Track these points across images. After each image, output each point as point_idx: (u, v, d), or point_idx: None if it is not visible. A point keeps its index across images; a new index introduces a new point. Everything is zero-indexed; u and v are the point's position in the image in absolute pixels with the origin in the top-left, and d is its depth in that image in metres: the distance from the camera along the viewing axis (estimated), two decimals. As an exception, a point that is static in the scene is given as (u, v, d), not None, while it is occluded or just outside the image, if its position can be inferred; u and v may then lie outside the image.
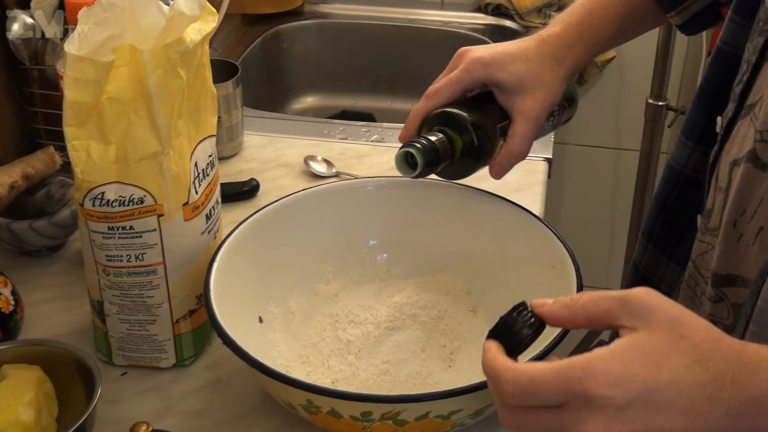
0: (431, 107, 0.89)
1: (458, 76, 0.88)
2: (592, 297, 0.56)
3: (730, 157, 0.74)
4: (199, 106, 0.85)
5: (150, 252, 0.83)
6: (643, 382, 0.51)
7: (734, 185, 0.72)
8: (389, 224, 0.99)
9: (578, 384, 0.51)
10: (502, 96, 0.90)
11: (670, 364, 0.52)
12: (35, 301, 0.99)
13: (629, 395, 0.51)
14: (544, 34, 0.92)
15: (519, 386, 0.53)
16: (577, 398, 0.51)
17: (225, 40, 1.72)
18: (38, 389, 0.79)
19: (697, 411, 0.51)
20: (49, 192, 1.08)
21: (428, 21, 1.82)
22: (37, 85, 1.16)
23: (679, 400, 0.51)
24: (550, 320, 0.58)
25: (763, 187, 0.68)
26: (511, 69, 0.88)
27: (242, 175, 1.23)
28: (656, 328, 0.53)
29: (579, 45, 0.92)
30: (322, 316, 0.94)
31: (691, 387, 0.51)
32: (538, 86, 0.89)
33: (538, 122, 0.90)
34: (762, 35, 0.72)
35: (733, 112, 0.75)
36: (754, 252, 0.69)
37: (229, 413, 0.86)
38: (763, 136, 0.68)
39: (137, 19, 0.80)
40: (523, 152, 0.90)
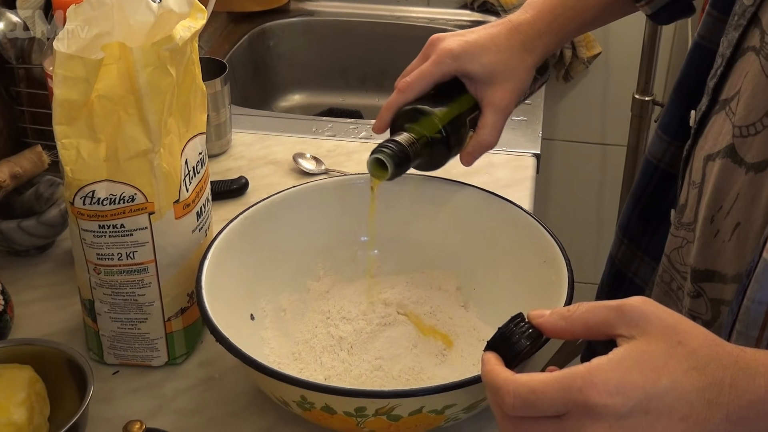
0: (403, 101, 0.90)
1: (429, 70, 0.90)
2: (588, 307, 0.56)
3: (704, 152, 0.74)
4: (189, 104, 0.85)
5: (141, 250, 0.83)
6: (642, 389, 0.51)
7: (710, 180, 0.72)
8: (380, 220, 0.99)
9: (579, 394, 0.52)
10: (472, 86, 0.91)
11: (668, 370, 0.52)
12: (25, 300, 0.98)
13: (630, 403, 0.51)
14: (515, 20, 0.92)
15: (520, 397, 0.53)
16: (578, 408, 0.52)
17: (211, 38, 1.71)
18: (30, 389, 0.79)
19: (697, 417, 0.51)
20: (38, 191, 1.07)
21: (414, 18, 1.82)
22: (24, 84, 1.16)
23: (679, 407, 0.51)
24: (548, 331, 0.58)
25: (740, 182, 0.68)
26: (481, 60, 0.89)
27: (231, 173, 1.22)
28: (653, 336, 0.53)
29: (549, 34, 0.92)
30: (314, 313, 0.94)
31: (690, 393, 0.52)
32: (508, 77, 0.90)
33: (508, 112, 0.91)
34: (737, 29, 0.72)
35: (707, 106, 0.76)
36: (731, 248, 0.69)
37: (222, 411, 0.85)
38: (741, 132, 0.68)
39: (126, 16, 0.80)
40: (492, 142, 0.91)
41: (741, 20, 0.72)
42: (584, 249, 2.14)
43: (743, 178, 0.68)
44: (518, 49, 0.91)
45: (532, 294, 0.88)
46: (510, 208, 0.94)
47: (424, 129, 0.88)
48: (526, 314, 0.60)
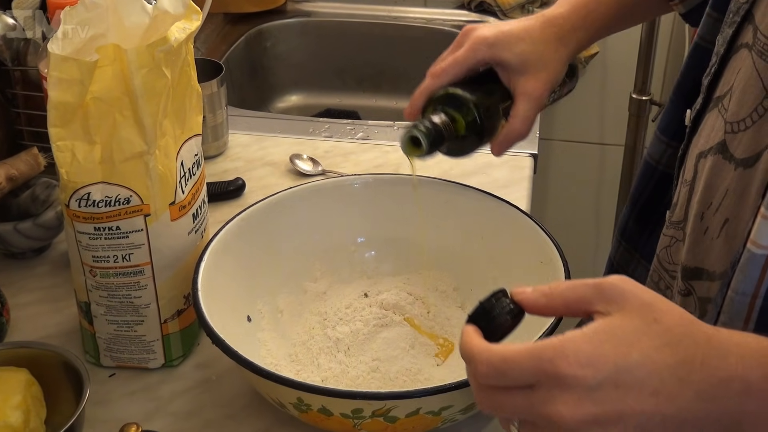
0: (436, 86, 0.89)
1: (463, 56, 0.89)
2: (569, 285, 0.57)
3: (697, 150, 0.74)
4: (185, 105, 0.85)
5: (137, 252, 0.83)
6: (613, 363, 0.51)
7: (702, 177, 0.72)
8: (377, 222, 0.99)
9: (549, 364, 0.52)
10: (506, 75, 0.90)
11: (641, 346, 0.52)
12: (21, 303, 0.98)
13: (600, 376, 0.51)
14: (549, 14, 0.92)
15: (492, 366, 0.54)
16: (548, 378, 0.52)
17: (208, 39, 1.71)
18: (26, 392, 0.79)
19: (668, 393, 0.51)
20: (34, 193, 1.07)
21: (412, 18, 1.82)
22: (20, 87, 1.15)
23: (650, 382, 0.51)
24: (529, 307, 0.58)
25: (729, 178, 0.68)
26: (515, 49, 0.89)
27: (228, 175, 1.22)
28: (629, 313, 0.53)
29: (583, 28, 0.92)
30: (311, 315, 0.94)
31: (661, 369, 0.52)
32: (541, 67, 0.90)
33: (540, 102, 0.91)
34: (731, 26, 0.72)
35: (701, 105, 0.76)
36: (719, 245, 0.69)
37: (219, 413, 0.85)
38: (732, 128, 0.68)
39: (121, 18, 0.80)
40: (524, 132, 0.90)
41: (735, 17, 0.72)
42: (582, 249, 2.14)
43: (732, 174, 0.68)
44: (552, 41, 0.91)
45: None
46: (507, 209, 0.94)
47: (458, 113, 0.87)
48: (509, 290, 0.60)
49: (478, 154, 1.26)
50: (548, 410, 0.52)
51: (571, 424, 0.51)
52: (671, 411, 0.52)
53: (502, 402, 0.54)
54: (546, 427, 0.53)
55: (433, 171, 1.20)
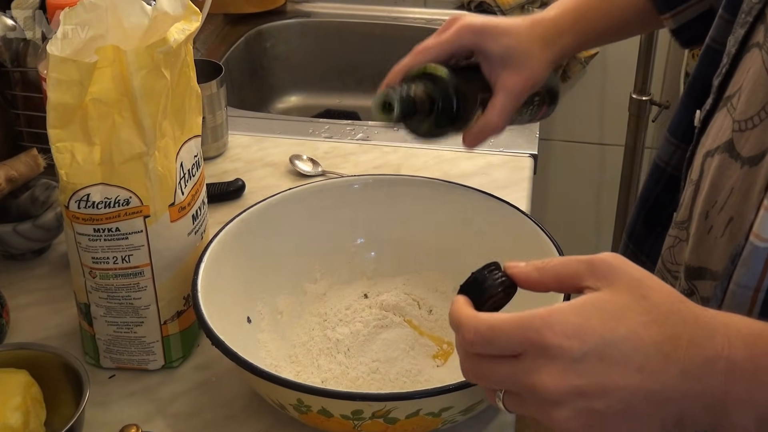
0: (416, 63, 0.88)
1: (447, 38, 0.88)
2: (561, 260, 0.57)
3: (704, 149, 0.74)
4: (184, 107, 0.85)
5: (137, 253, 0.83)
6: (599, 336, 0.52)
7: (708, 176, 0.72)
8: (376, 223, 0.99)
9: (535, 333, 0.52)
10: (487, 66, 0.90)
11: (627, 321, 0.52)
12: (21, 304, 0.98)
13: (585, 347, 0.51)
14: (538, 16, 0.92)
15: (479, 333, 0.54)
16: (534, 348, 0.52)
17: (207, 40, 1.71)
18: (26, 393, 0.79)
19: (652, 369, 0.51)
20: (33, 195, 1.07)
21: (411, 19, 1.82)
22: (19, 88, 1.15)
23: (635, 357, 0.51)
24: (521, 281, 0.59)
25: (735, 176, 0.68)
26: (500, 41, 0.88)
27: (227, 176, 1.22)
28: (618, 288, 0.54)
29: (570, 33, 0.92)
30: (311, 316, 0.94)
31: (647, 345, 0.52)
32: (525, 63, 0.89)
33: (519, 99, 0.90)
34: (743, 27, 0.72)
35: (711, 105, 0.75)
36: (723, 244, 0.69)
37: (219, 414, 0.85)
38: (740, 126, 0.68)
39: (120, 19, 0.80)
40: (499, 125, 0.89)
41: (747, 17, 0.71)
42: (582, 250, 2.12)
43: (738, 172, 0.68)
44: (538, 40, 0.90)
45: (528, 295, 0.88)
46: (507, 210, 0.94)
47: (435, 90, 0.85)
48: (502, 264, 0.60)
49: (478, 155, 1.27)
50: (532, 380, 0.52)
51: (554, 395, 0.52)
52: (655, 387, 0.52)
53: (488, 371, 0.55)
54: (530, 397, 0.53)
55: (433, 172, 1.20)
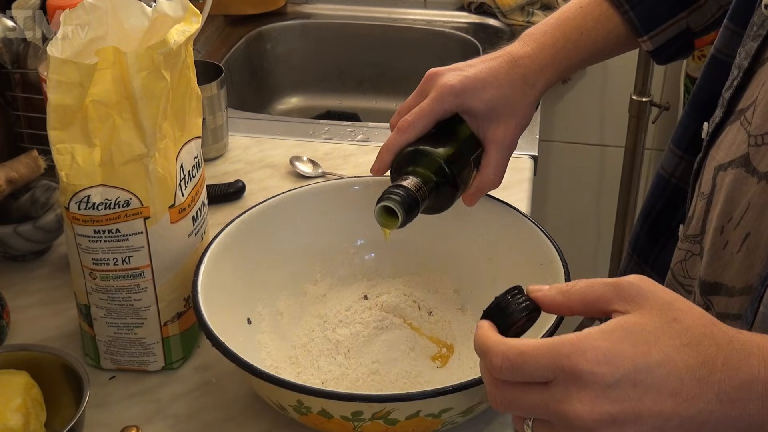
0: (404, 142, 0.87)
1: (430, 107, 0.86)
2: (587, 283, 0.56)
3: (715, 162, 0.73)
4: (184, 108, 0.85)
5: (137, 255, 0.83)
6: (632, 360, 0.51)
7: (722, 191, 0.71)
8: (376, 224, 0.99)
9: (566, 360, 0.51)
10: (474, 123, 0.88)
11: (660, 345, 0.51)
12: (21, 306, 0.98)
13: (618, 373, 0.51)
14: (515, 53, 0.90)
15: (508, 359, 0.53)
16: (565, 374, 0.51)
17: (208, 41, 1.71)
18: (26, 395, 0.79)
19: (687, 394, 0.51)
20: (34, 196, 1.07)
21: (412, 20, 1.82)
22: (20, 89, 1.15)
23: (669, 382, 0.51)
24: (545, 305, 0.58)
25: (751, 192, 0.67)
26: (482, 96, 0.87)
27: (228, 177, 1.22)
28: (648, 311, 0.53)
29: (550, 68, 0.90)
30: (311, 317, 0.94)
31: (681, 369, 0.51)
32: (510, 113, 0.88)
33: (511, 149, 0.89)
34: (756, 40, 0.71)
35: (721, 118, 0.75)
36: (739, 259, 0.68)
37: (219, 415, 0.85)
38: (756, 141, 0.67)
39: (120, 20, 0.80)
40: (495, 182, 0.89)
41: (760, 30, 0.71)
42: (582, 251, 2.13)
43: (755, 187, 0.67)
44: (520, 84, 0.88)
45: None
46: (507, 211, 0.94)
47: (429, 171, 0.84)
48: (525, 288, 0.59)
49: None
50: (564, 408, 0.51)
51: (587, 423, 0.51)
52: (690, 413, 0.51)
53: (517, 398, 0.54)
54: (561, 425, 0.52)
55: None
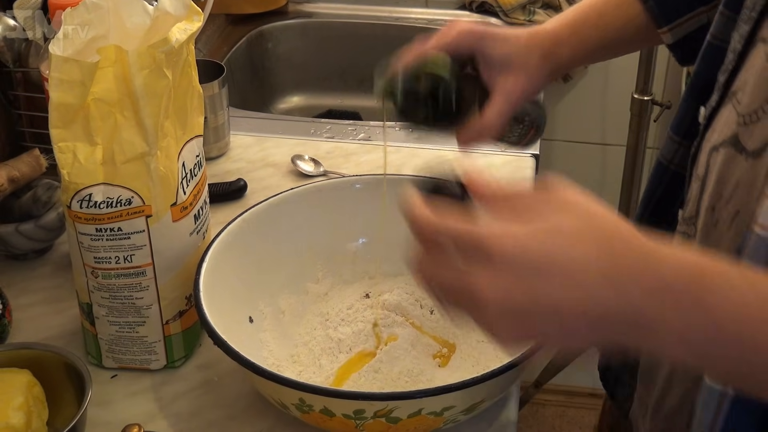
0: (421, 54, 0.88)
1: (449, 40, 0.88)
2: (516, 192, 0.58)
3: (709, 145, 0.74)
4: (186, 106, 0.85)
5: (138, 253, 0.83)
6: (539, 248, 0.53)
7: (714, 171, 0.72)
8: (378, 222, 0.99)
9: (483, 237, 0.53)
10: (486, 71, 0.90)
11: (575, 242, 0.53)
12: (23, 304, 0.98)
13: (526, 257, 0.52)
14: (536, 28, 0.93)
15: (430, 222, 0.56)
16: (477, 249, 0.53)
17: (209, 40, 1.71)
18: (28, 393, 0.79)
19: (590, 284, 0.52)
20: (35, 195, 1.07)
21: (413, 19, 1.82)
22: (21, 88, 1.15)
23: (574, 274, 0.52)
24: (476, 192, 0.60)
25: (741, 170, 0.68)
26: (500, 47, 0.89)
27: (229, 176, 1.22)
28: (567, 213, 0.55)
29: (566, 45, 0.93)
30: (313, 315, 0.94)
31: (589, 263, 0.53)
32: (523, 70, 0.90)
33: (516, 104, 0.90)
34: (748, 23, 0.72)
35: (717, 101, 0.75)
36: (729, 237, 0.69)
37: (221, 414, 0.85)
38: (744, 120, 0.68)
39: (122, 19, 0.80)
40: (495, 127, 0.89)
41: (752, 13, 0.72)
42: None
43: (744, 165, 0.68)
44: (537, 52, 0.91)
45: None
46: (509, 209, 0.94)
47: (437, 81, 0.85)
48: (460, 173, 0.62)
49: (480, 155, 1.27)
50: (470, 280, 0.53)
51: (488, 299, 0.52)
52: (590, 305, 0.52)
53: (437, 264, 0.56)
54: (466, 301, 0.54)
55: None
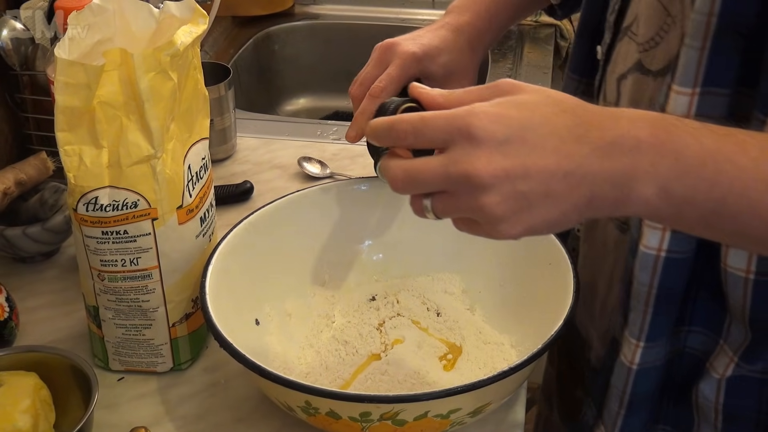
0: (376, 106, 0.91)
1: (397, 74, 0.91)
2: (466, 89, 0.62)
3: (614, 75, 0.80)
4: (192, 109, 0.85)
5: (145, 256, 0.83)
6: (519, 121, 0.57)
7: (626, 95, 0.78)
8: (384, 224, 0.99)
9: (462, 120, 0.57)
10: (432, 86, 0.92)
11: (540, 111, 0.58)
12: (30, 307, 0.98)
13: (508, 131, 0.56)
14: (455, 22, 0.97)
15: (410, 124, 0.59)
16: (461, 134, 0.56)
17: (216, 42, 1.72)
18: (35, 396, 0.79)
19: (567, 150, 0.56)
20: (42, 198, 1.07)
21: (420, 21, 1.82)
22: (28, 91, 1.16)
23: (551, 140, 0.56)
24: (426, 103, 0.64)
25: (650, 89, 0.74)
26: (439, 61, 0.94)
27: (236, 178, 1.22)
28: (527, 92, 0.59)
29: (489, 32, 0.99)
30: (319, 318, 0.94)
31: (560, 129, 0.57)
32: (462, 74, 0.96)
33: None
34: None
35: (611, 38, 0.81)
36: None
37: (227, 416, 0.85)
38: (644, 47, 0.74)
39: (127, 22, 0.80)
40: None
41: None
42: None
43: (652, 84, 0.74)
44: (467, 49, 0.96)
45: (537, 296, 0.88)
46: (515, 211, 0.94)
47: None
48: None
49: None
50: (464, 167, 0.56)
51: (485, 179, 0.56)
52: (571, 167, 0.56)
53: (419, 170, 0.58)
54: (460, 188, 0.57)
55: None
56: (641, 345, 0.75)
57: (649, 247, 0.71)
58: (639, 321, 0.74)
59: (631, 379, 0.77)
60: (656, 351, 0.75)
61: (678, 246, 0.70)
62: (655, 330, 0.74)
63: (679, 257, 0.71)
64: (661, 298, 0.73)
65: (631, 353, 0.75)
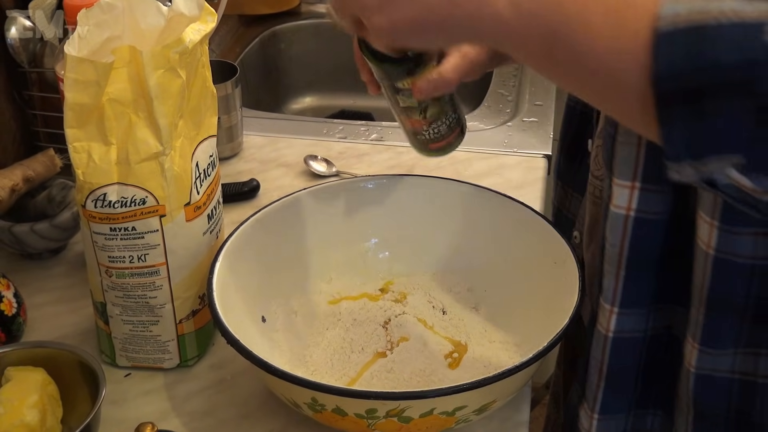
0: None
1: None
2: None
3: None
4: (200, 107, 0.85)
5: (152, 253, 0.83)
6: None
7: None
8: (390, 222, 0.99)
9: None
10: None
11: None
12: (38, 303, 0.99)
13: None
14: None
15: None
16: None
17: (223, 41, 1.72)
18: (42, 391, 0.79)
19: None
20: (50, 194, 1.08)
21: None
22: (36, 88, 1.16)
23: None
24: None
25: None
26: None
27: (242, 176, 1.23)
28: None
29: None
30: (325, 315, 0.94)
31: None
32: None
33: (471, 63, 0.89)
34: None
35: None
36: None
37: (234, 413, 0.86)
38: None
39: (136, 20, 0.81)
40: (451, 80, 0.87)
41: None
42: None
43: None
44: None
45: (543, 295, 0.88)
46: (521, 210, 0.94)
47: None
48: None
49: (491, 156, 1.27)
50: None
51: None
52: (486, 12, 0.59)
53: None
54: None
55: (447, 172, 1.20)
56: (615, 311, 0.74)
57: (618, 206, 0.71)
58: (612, 285, 0.73)
59: (608, 348, 0.76)
60: (633, 320, 0.74)
61: (647, 206, 0.70)
62: (630, 296, 0.74)
63: (650, 218, 0.71)
64: (632, 260, 0.72)
65: (606, 320, 0.75)
